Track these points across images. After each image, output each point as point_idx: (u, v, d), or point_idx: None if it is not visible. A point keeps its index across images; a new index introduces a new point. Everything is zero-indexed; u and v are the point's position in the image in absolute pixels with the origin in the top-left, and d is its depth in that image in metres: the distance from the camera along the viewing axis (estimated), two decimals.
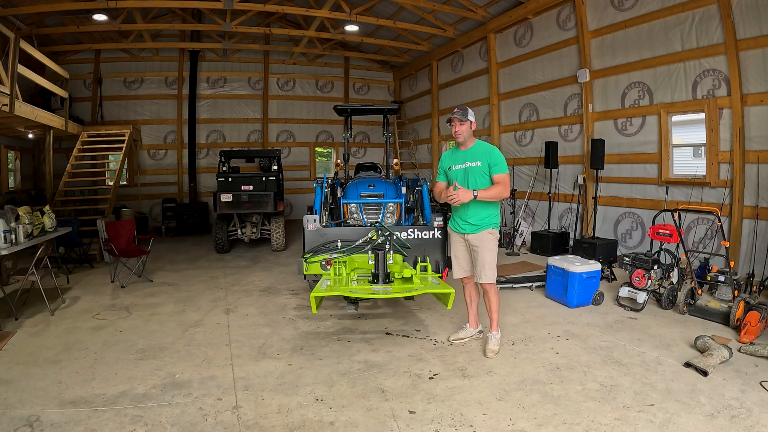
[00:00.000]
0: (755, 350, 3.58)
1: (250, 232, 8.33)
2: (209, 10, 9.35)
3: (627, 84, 6.87)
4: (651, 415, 2.76)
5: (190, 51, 11.47)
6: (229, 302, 5.26)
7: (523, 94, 8.90)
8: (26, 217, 4.92)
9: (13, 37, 6.54)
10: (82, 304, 5.14)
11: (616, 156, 7.06)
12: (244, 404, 2.94)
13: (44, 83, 7.98)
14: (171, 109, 11.82)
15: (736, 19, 5.36)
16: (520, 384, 3.18)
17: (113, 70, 11.36)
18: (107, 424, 2.70)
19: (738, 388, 3.06)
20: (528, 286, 5.66)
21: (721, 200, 5.58)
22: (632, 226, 6.97)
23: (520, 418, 2.75)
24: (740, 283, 4.68)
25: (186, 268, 7.13)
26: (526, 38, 8.73)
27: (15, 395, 3.04)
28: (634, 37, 6.67)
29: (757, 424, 2.65)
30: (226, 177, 7.88)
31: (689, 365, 3.36)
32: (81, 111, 10.88)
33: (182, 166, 11.82)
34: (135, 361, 3.61)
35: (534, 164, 8.70)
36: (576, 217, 7.78)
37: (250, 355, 3.73)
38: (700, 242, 5.82)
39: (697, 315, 4.53)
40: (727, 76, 5.51)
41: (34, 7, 7.73)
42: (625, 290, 4.90)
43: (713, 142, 5.71)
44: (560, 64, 8.02)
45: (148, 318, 4.69)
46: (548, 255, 6.71)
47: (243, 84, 12.43)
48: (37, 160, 10.49)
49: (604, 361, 3.55)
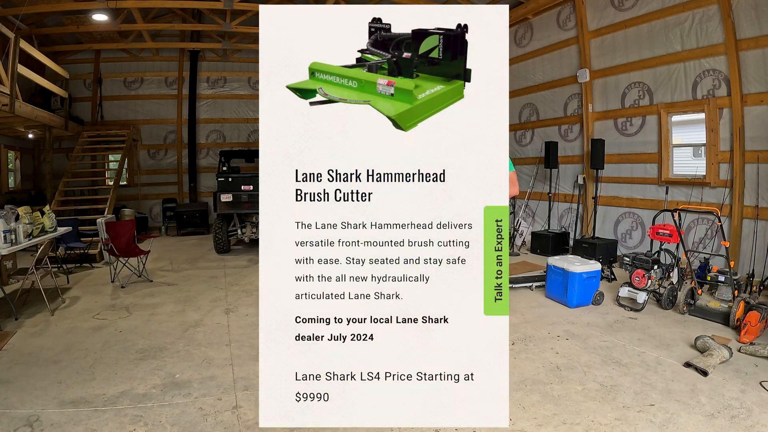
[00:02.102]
0: (755, 350, 3.58)
1: (250, 232, 8.33)
2: (209, 10, 9.35)
3: (627, 84, 6.87)
4: (651, 415, 2.76)
5: (190, 51, 11.47)
6: (229, 302, 5.26)
7: (523, 93, 8.90)
8: (26, 217, 4.92)
9: (13, 37, 6.54)
10: (82, 304, 5.14)
11: (616, 156, 7.06)
12: (244, 404, 2.94)
13: (44, 83, 7.98)
14: (171, 109, 11.81)
15: (736, 19, 5.36)
16: (520, 384, 3.18)
17: (113, 70, 11.35)
18: (107, 424, 2.70)
19: (738, 388, 3.06)
20: (528, 286, 5.66)
21: (721, 200, 5.58)
22: (632, 226, 6.97)
23: (520, 418, 2.75)
24: (740, 283, 4.69)
25: (186, 268, 7.13)
26: (526, 38, 8.73)
27: (15, 395, 3.04)
28: (634, 37, 6.67)
29: (757, 424, 2.65)
30: (226, 177, 7.87)
31: (689, 365, 3.37)
32: (81, 111, 10.87)
33: (182, 166, 11.81)
34: (135, 361, 3.61)
35: (534, 164, 8.70)
36: (576, 217, 7.78)
37: (250, 355, 3.73)
38: (700, 242, 5.82)
39: (697, 315, 4.53)
40: (727, 76, 5.51)
41: (34, 7, 7.73)
42: (625, 290, 4.90)
43: (713, 142, 5.71)
44: (560, 63, 8.02)
45: (148, 318, 4.69)
46: (548, 255, 6.71)
47: (243, 84, 12.41)
48: (37, 160, 10.48)
49: (604, 361, 3.55)
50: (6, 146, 9.41)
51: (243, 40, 11.53)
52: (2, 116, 6.70)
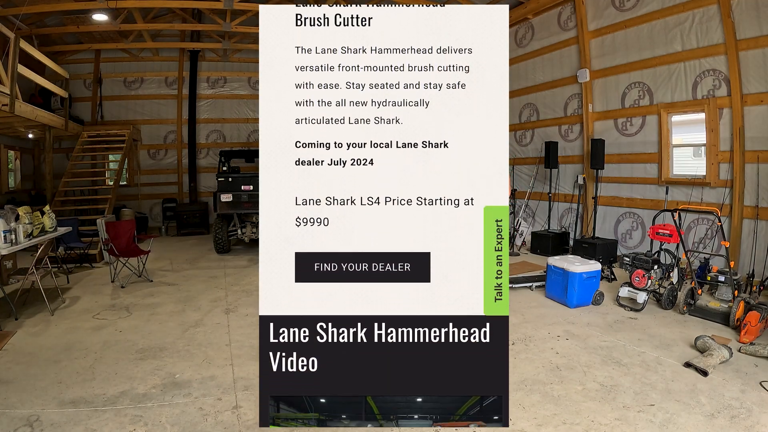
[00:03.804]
0: (755, 350, 3.58)
1: (250, 232, 8.33)
2: (209, 10, 9.35)
3: (627, 84, 6.87)
4: (651, 415, 2.76)
5: (190, 51, 11.47)
6: (229, 302, 5.26)
7: (523, 93, 8.90)
8: (26, 217, 4.92)
9: (13, 37, 6.54)
10: (82, 304, 5.14)
11: (616, 156, 7.06)
12: (244, 404, 2.94)
13: (44, 83, 7.98)
14: (171, 109, 11.81)
15: (736, 19, 5.36)
16: (520, 384, 3.18)
17: (113, 70, 11.36)
18: (107, 424, 2.70)
19: (738, 388, 3.06)
20: (528, 286, 5.66)
21: (721, 200, 5.58)
22: (632, 226, 6.97)
23: (520, 418, 2.75)
24: (740, 283, 4.69)
25: (186, 268, 7.13)
26: (526, 38, 8.73)
27: (15, 395, 3.04)
28: (634, 37, 6.66)
29: (757, 424, 2.65)
30: (226, 177, 7.88)
31: (689, 365, 3.37)
32: (81, 111, 10.87)
33: (182, 166, 11.81)
34: (135, 361, 3.61)
35: (534, 164, 8.70)
36: (576, 217, 7.78)
37: (250, 355, 3.73)
38: (700, 242, 5.82)
39: (697, 315, 4.53)
40: (727, 76, 5.51)
41: (34, 7, 7.72)
42: (625, 290, 4.90)
43: (713, 142, 5.71)
44: (560, 63, 8.02)
45: (148, 318, 4.68)
46: (548, 255, 6.71)
47: (243, 84, 12.41)
48: (37, 160, 10.48)
49: (604, 361, 3.55)
50: (6, 146, 9.41)
51: (243, 40, 11.52)
52: (2, 116, 6.69)
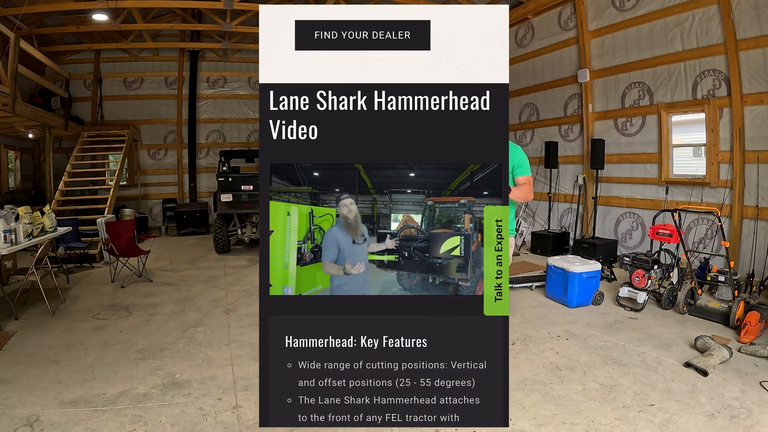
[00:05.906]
0: (755, 350, 3.58)
1: (250, 232, 8.33)
2: (209, 10, 9.35)
3: (627, 84, 6.87)
4: (651, 415, 2.76)
5: (190, 51, 11.47)
6: (229, 302, 5.26)
7: (523, 93, 8.90)
8: (26, 217, 4.92)
9: (13, 37, 6.54)
10: (82, 304, 5.14)
11: (616, 156, 7.06)
12: (244, 404, 2.94)
13: (44, 83, 7.99)
14: (171, 109, 11.81)
15: (736, 19, 5.36)
16: (520, 384, 3.18)
17: (113, 70, 11.36)
18: (107, 424, 2.70)
19: (738, 388, 3.06)
20: (528, 286, 5.66)
21: (721, 200, 5.58)
22: (632, 226, 6.97)
23: (520, 418, 2.75)
24: (740, 283, 4.68)
25: (186, 268, 7.13)
26: (526, 38, 8.73)
27: (15, 395, 3.04)
28: (634, 37, 6.67)
29: (757, 424, 2.65)
30: (226, 177, 7.88)
31: (689, 365, 3.37)
32: (81, 111, 10.87)
33: (182, 166, 11.81)
34: (135, 361, 3.61)
35: (534, 164, 8.68)
36: (576, 217, 7.78)
37: (250, 355, 3.73)
38: (700, 242, 5.82)
39: (697, 315, 4.53)
40: (727, 76, 5.51)
41: (34, 7, 7.73)
42: (625, 290, 4.90)
43: (713, 142, 5.71)
44: (560, 63, 8.02)
45: (148, 318, 4.69)
46: (548, 255, 6.71)
47: (243, 84, 12.41)
48: (37, 160, 10.49)
49: (604, 361, 3.56)
50: (6, 146, 9.42)
51: (243, 40, 11.53)
52: (2, 116, 6.70)
